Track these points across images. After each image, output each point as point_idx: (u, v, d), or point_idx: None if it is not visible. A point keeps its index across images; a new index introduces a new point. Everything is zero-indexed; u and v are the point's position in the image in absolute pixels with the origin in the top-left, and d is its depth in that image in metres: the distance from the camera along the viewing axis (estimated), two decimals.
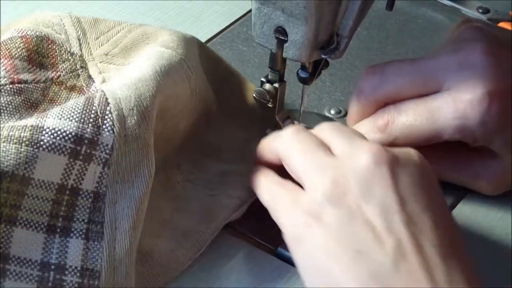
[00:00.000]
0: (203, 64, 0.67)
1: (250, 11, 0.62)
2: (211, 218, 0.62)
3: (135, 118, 0.57)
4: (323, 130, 0.58)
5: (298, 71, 0.66)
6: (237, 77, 0.72)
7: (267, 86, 0.67)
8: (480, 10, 0.85)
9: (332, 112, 0.75)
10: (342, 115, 0.75)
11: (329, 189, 0.54)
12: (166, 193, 0.63)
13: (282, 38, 0.62)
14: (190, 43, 0.66)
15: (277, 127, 0.68)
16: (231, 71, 0.71)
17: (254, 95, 0.67)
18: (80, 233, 0.55)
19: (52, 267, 0.54)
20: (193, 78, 0.63)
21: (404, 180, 0.53)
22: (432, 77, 0.63)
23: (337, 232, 0.52)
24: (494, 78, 0.61)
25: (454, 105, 0.61)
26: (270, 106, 0.67)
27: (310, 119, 0.72)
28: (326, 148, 0.56)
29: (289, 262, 0.60)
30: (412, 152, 0.56)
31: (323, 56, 0.63)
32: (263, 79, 0.67)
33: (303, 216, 0.54)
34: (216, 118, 0.69)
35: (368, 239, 0.51)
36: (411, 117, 0.63)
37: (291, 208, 0.55)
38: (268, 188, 0.58)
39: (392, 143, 0.63)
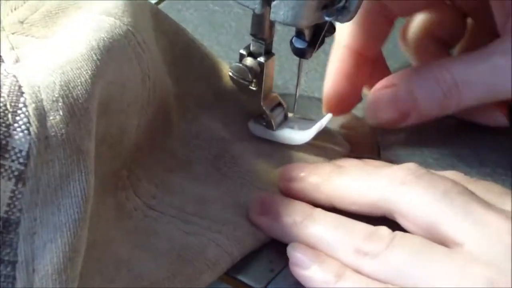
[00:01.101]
0: (158, 39, 0.62)
1: None
2: (189, 278, 0.56)
3: (61, 113, 0.51)
4: (414, 210, 0.54)
5: (292, 39, 0.60)
6: (204, 55, 0.66)
7: (249, 61, 0.61)
8: None
9: None
10: None
11: None
12: (120, 222, 0.58)
13: None
14: (140, 9, 0.61)
15: (263, 118, 0.63)
16: (194, 45, 0.66)
17: (230, 73, 0.62)
18: None
19: None
20: (145, 59, 0.58)
21: None
22: None
23: None
24: None
25: None
26: (254, 89, 0.62)
27: (309, 107, 0.67)
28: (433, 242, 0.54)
29: None
30: None
31: (326, 19, 0.57)
32: (243, 52, 0.62)
33: None
34: (179, 114, 0.64)
35: None
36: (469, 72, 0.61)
37: None
38: None
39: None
